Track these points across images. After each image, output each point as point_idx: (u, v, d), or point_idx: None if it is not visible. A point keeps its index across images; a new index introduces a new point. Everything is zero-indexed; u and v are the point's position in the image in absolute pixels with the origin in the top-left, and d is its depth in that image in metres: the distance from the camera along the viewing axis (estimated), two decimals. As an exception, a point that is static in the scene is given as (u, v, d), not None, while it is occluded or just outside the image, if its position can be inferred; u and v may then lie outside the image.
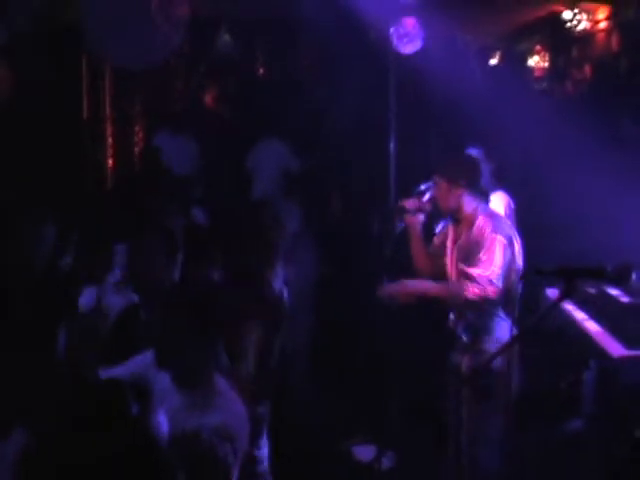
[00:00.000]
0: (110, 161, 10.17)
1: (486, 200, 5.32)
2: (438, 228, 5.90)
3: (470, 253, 5.09)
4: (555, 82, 10.39)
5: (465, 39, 9.33)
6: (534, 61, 10.80)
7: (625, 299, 5.39)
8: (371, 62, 7.99)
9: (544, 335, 5.54)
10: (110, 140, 10.14)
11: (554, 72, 10.45)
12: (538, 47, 10.63)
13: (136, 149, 10.34)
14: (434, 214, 5.58)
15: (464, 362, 5.30)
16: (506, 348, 4.62)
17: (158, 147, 8.94)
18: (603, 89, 9.24)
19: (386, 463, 6.32)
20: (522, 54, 10.82)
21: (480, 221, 5.09)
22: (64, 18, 9.00)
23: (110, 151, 10.16)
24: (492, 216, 5.17)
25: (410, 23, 6.85)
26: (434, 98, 8.39)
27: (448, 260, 5.31)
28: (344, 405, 6.83)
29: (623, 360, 4.78)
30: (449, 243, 5.31)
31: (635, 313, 5.28)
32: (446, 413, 5.54)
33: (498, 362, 5.04)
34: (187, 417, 3.45)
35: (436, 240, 5.57)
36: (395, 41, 6.76)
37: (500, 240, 4.99)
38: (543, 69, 10.64)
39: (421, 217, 5.45)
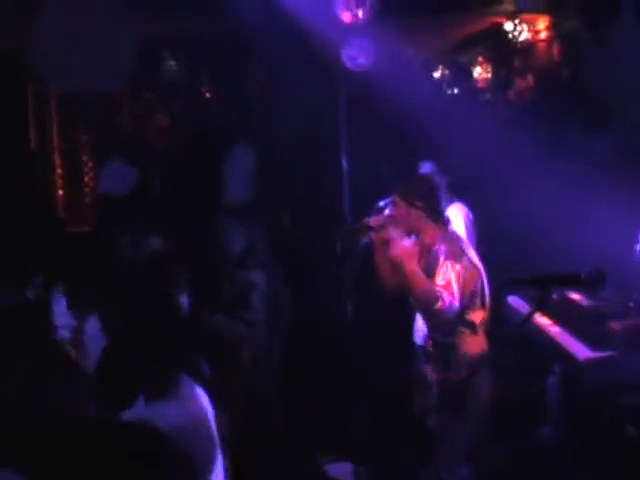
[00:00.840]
0: (60, 192, 10.14)
1: (444, 221, 5.34)
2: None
3: (429, 277, 5.16)
4: (498, 92, 10.54)
5: (410, 53, 9.43)
6: (477, 72, 10.95)
7: (586, 303, 5.50)
8: (321, 79, 8.04)
9: (509, 342, 5.64)
10: (59, 170, 10.11)
11: (497, 83, 10.60)
12: (480, 58, 10.78)
13: (86, 178, 10.33)
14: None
15: (429, 372, 5.37)
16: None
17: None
18: (546, 98, 9.41)
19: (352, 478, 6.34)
20: (465, 66, 10.96)
21: (436, 246, 5.15)
22: (9, 46, 8.98)
23: (60, 182, 10.13)
24: (449, 241, 5.20)
25: (360, 42, 6.93)
26: (385, 113, 8.48)
27: None
28: (314, 423, 6.84)
29: (589, 362, 4.87)
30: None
31: (597, 316, 5.39)
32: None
33: (467, 374, 5.15)
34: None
35: None
36: (346, 59, 6.83)
37: (453, 267, 5.05)
38: (486, 80, 10.79)
39: (385, 234, 5.49)
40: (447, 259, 5.02)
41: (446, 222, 5.31)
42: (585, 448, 5.47)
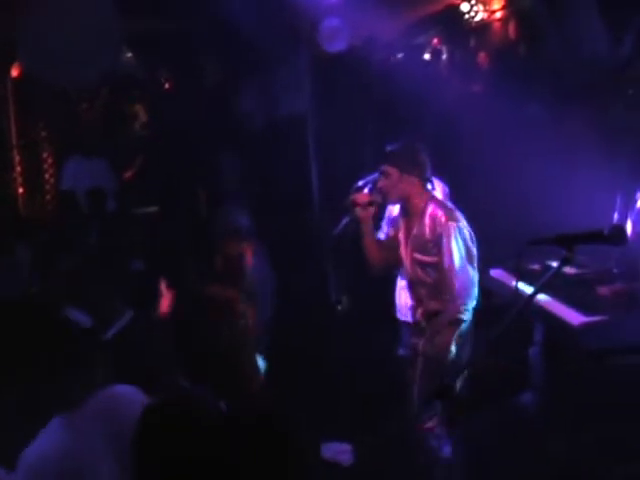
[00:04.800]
0: (20, 189, 10.02)
1: (432, 187, 5.40)
2: (386, 220, 6.05)
3: (426, 242, 5.19)
4: (455, 73, 10.62)
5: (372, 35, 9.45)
6: (430, 54, 11.02)
7: (572, 271, 5.59)
8: (289, 60, 8.00)
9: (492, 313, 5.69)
10: (19, 168, 9.98)
11: (453, 63, 10.69)
12: (435, 40, 10.87)
13: (46, 175, 10.22)
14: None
15: (421, 343, 5.39)
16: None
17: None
18: (505, 75, 9.50)
19: (347, 458, 6.34)
20: (419, 48, 11.03)
21: (431, 210, 5.18)
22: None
23: (20, 179, 10.01)
24: (443, 204, 5.25)
25: (335, 22, 6.94)
26: (354, 94, 8.48)
27: (402, 251, 5.40)
28: (303, 406, 6.83)
29: (584, 327, 4.95)
30: (402, 234, 5.40)
31: (584, 283, 5.51)
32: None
33: (452, 352, 5.18)
34: None
35: (390, 232, 5.68)
36: (321, 40, 6.82)
37: (455, 227, 5.10)
38: (442, 61, 10.87)
39: (372, 210, 5.52)
40: (448, 220, 5.07)
41: (433, 189, 5.38)
42: (576, 412, 5.58)
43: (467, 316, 5.18)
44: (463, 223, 5.15)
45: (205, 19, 8.95)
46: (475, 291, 5.22)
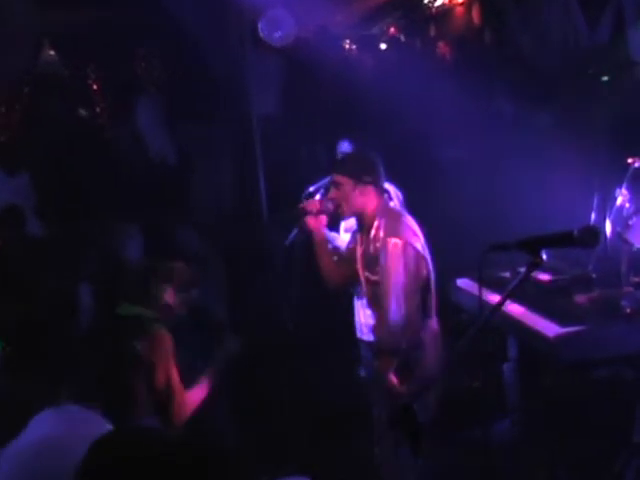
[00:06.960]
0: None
1: (387, 196, 5.39)
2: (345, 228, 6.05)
3: (371, 259, 5.20)
4: (414, 65, 10.63)
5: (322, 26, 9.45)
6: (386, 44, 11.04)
7: (547, 278, 5.62)
8: (228, 57, 7.97)
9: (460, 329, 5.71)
10: None
11: (412, 54, 10.71)
12: (392, 29, 10.89)
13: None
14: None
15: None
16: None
17: None
18: (469, 65, 9.53)
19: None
20: (374, 39, 11.04)
21: (377, 223, 5.19)
22: None
23: None
24: (390, 216, 5.23)
25: (278, 13, 6.89)
26: (306, 91, 8.48)
27: (359, 266, 5.40)
28: (259, 437, 6.82)
29: (560, 338, 4.95)
30: (358, 248, 5.40)
31: (558, 289, 5.53)
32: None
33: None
34: None
35: (351, 244, 5.65)
36: (264, 33, 6.78)
37: (395, 243, 5.08)
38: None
39: (324, 219, 5.50)
40: (387, 235, 5.07)
41: (388, 198, 5.36)
42: (555, 431, 5.61)
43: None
44: (410, 239, 5.11)
45: (139, 12, 8.90)
46: (417, 318, 5.19)
